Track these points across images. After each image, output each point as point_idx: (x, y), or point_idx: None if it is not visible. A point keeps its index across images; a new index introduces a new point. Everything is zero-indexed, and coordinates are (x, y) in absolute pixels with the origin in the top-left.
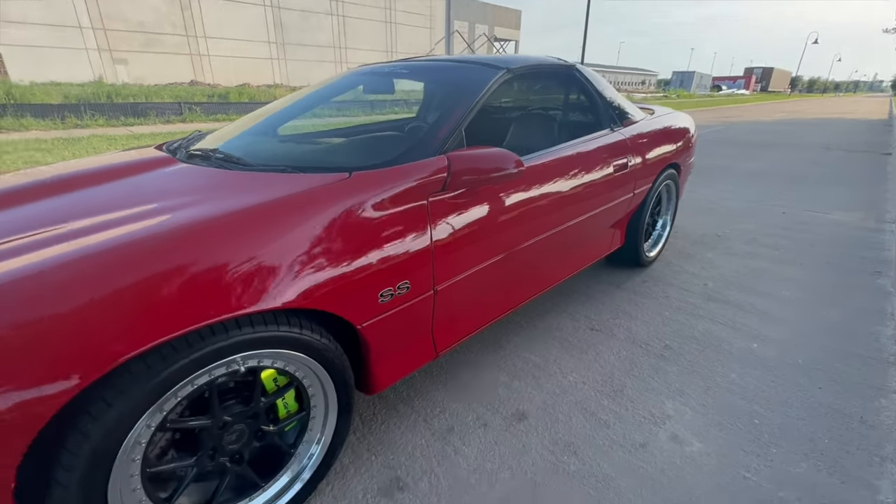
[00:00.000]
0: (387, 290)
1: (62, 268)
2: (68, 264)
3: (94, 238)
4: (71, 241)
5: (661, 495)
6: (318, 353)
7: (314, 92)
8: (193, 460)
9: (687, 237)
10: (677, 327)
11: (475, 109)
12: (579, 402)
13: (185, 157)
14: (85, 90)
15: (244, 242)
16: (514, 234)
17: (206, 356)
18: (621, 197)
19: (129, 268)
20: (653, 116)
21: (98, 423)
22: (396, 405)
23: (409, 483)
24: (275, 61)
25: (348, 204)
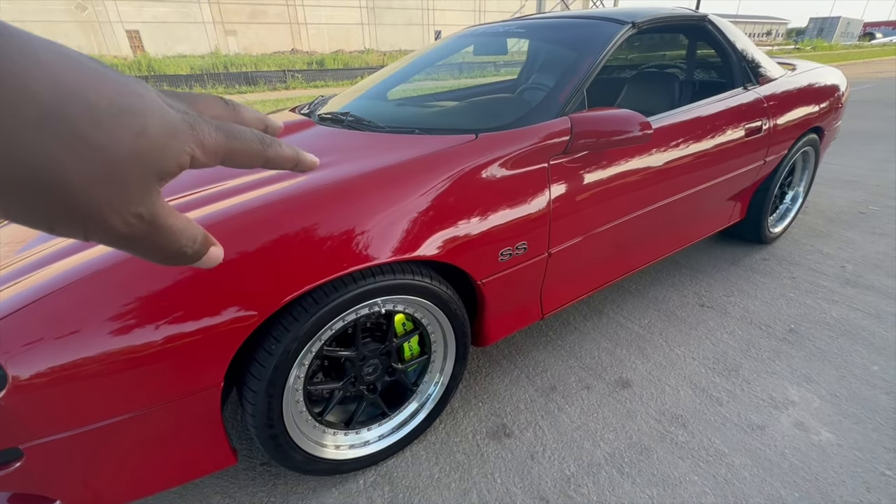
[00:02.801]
0: (506, 250)
1: (254, 211)
2: (259, 209)
3: (263, 191)
4: (255, 190)
5: (781, 478)
6: (444, 304)
7: (423, 56)
8: (340, 384)
9: (821, 213)
10: (804, 311)
11: (597, 68)
12: (688, 376)
13: (319, 120)
14: (206, 61)
15: (389, 197)
16: (630, 201)
17: (357, 297)
18: (750, 165)
19: (305, 215)
20: (794, 73)
21: (279, 343)
22: (499, 360)
23: (515, 431)
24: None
25: (476, 164)
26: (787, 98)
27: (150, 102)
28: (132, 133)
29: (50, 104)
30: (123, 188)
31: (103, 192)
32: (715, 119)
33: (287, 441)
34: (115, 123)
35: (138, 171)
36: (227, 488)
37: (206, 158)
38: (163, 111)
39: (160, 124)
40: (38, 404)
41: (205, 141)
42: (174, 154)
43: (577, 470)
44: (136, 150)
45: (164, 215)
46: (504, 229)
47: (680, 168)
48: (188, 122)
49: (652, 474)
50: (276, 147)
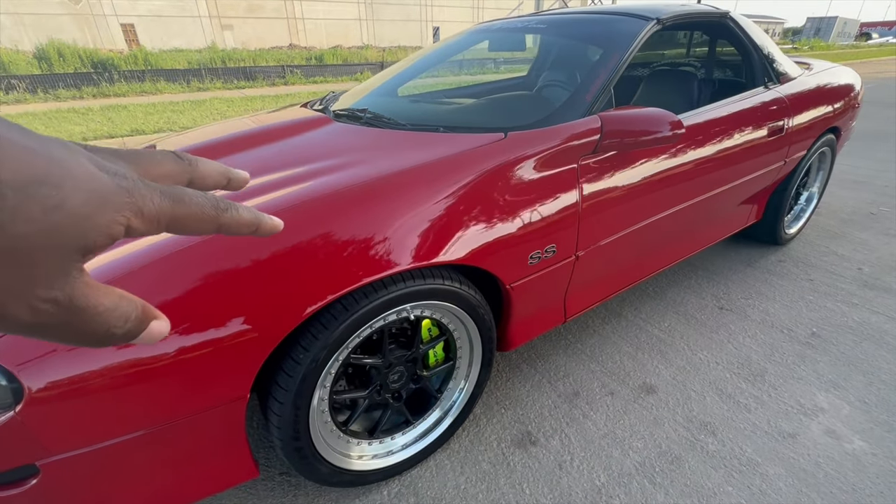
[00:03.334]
0: (536, 253)
1: (283, 213)
2: (289, 209)
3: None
4: (279, 190)
5: (818, 489)
6: (473, 309)
7: (436, 51)
8: (366, 392)
9: (833, 214)
10: (825, 314)
11: (624, 66)
12: (713, 381)
13: (335, 117)
14: (203, 56)
15: (420, 198)
16: (656, 202)
17: (386, 303)
18: (771, 165)
19: (336, 217)
20: (811, 72)
21: (308, 352)
22: (519, 365)
23: (541, 439)
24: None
25: (506, 164)
26: (808, 97)
27: (71, 170)
28: (42, 208)
29: None
30: (29, 271)
31: (5, 276)
32: (739, 118)
33: (313, 453)
34: (20, 199)
35: (51, 251)
36: (245, 500)
37: (146, 227)
38: (89, 178)
39: (83, 195)
40: (56, 418)
41: (144, 208)
42: (101, 226)
43: (607, 480)
44: (48, 227)
45: (84, 296)
46: (534, 231)
47: (705, 168)
48: (123, 188)
49: (685, 485)
50: (232, 212)
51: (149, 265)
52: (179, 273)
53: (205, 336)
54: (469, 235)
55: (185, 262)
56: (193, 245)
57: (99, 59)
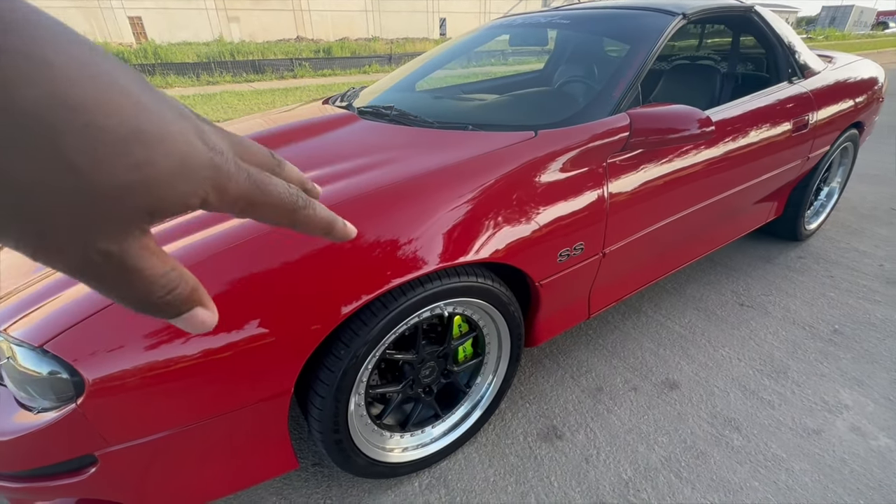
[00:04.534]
0: (565, 250)
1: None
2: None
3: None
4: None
5: (844, 485)
6: (503, 306)
7: (455, 46)
8: (400, 387)
9: (852, 209)
10: (847, 311)
11: (651, 62)
12: (736, 378)
13: (360, 113)
14: (211, 49)
15: (454, 196)
16: (678, 200)
17: (423, 300)
18: (794, 161)
19: (375, 216)
20: (834, 66)
21: (349, 348)
22: (542, 360)
23: (566, 433)
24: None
25: (537, 162)
26: (832, 92)
27: (172, 133)
28: (131, 162)
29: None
30: (96, 220)
31: (68, 218)
32: (764, 114)
33: (351, 446)
34: (116, 148)
35: (123, 206)
36: (282, 489)
37: (221, 204)
38: (186, 145)
39: (175, 159)
40: (114, 410)
41: (227, 186)
42: (179, 194)
43: (633, 474)
44: (129, 183)
45: (137, 256)
46: (563, 229)
47: (729, 165)
48: (214, 163)
49: (711, 479)
50: (310, 209)
51: (204, 261)
52: (230, 271)
53: (253, 333)
54: (501, 233)
55: (236, 261)
56: (242, 243)
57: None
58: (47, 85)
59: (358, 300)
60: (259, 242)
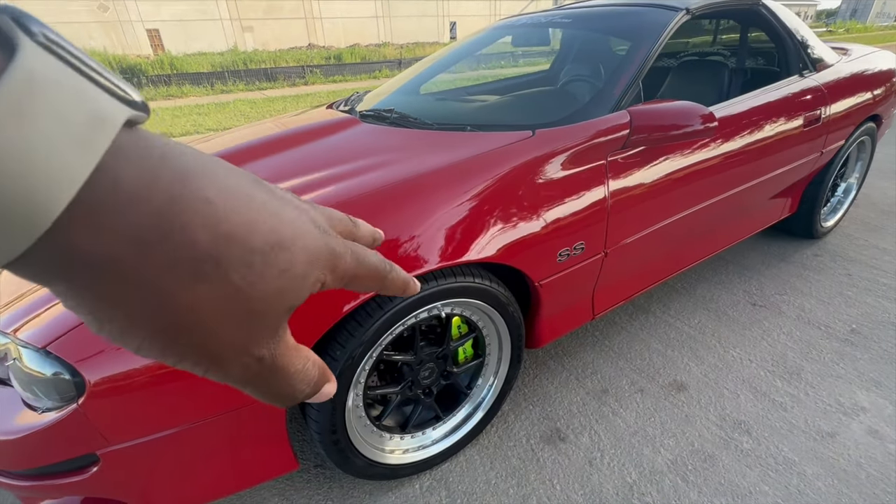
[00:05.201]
0: (564, 250)
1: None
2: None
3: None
4: (313, 191)
5: (860, 490)
6: (502, 306)
7: (460, 48)
8: (398, 388)
9: (873, 206)
10: (866, 310)
11: (653, 58)
12: (746, 379)
13: (361, 117)
14: (225, 58)
15: (451, 197)
16: (686, 197)
17: (419, 300)
18: (808, 156)
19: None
20: (849, 58)
21: (345, 349)
22: (546, 361)
23: (570, 435)
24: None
25: (535, 162)
26: (846, 85)
27: (299, 228)
28: (278, 271)
29: (207, 251)
30: (252, 331)
31: (231, 334)
32: (774, 109)
33: (349, 446)
34: (265, 262)
35: (273, 311)
36: (285, 490)
37: (334, 284)
38: (311, 238)
39: (305, 255)
40: (115, 410)
41: (338, 265)
42: (311, 283)
43: (638, 477)
44: (278, 289)
45: (284, 355)
46: (562, 229)
47: (737, 161)
48: (329, 247)
49: (719, 483)
50: (395, 272)
51: None
52: None
53: None
54: (498, 233)
55: None
56: None
57: (128, 64)
58: (213, 224)
59: (353, 300)
60: None
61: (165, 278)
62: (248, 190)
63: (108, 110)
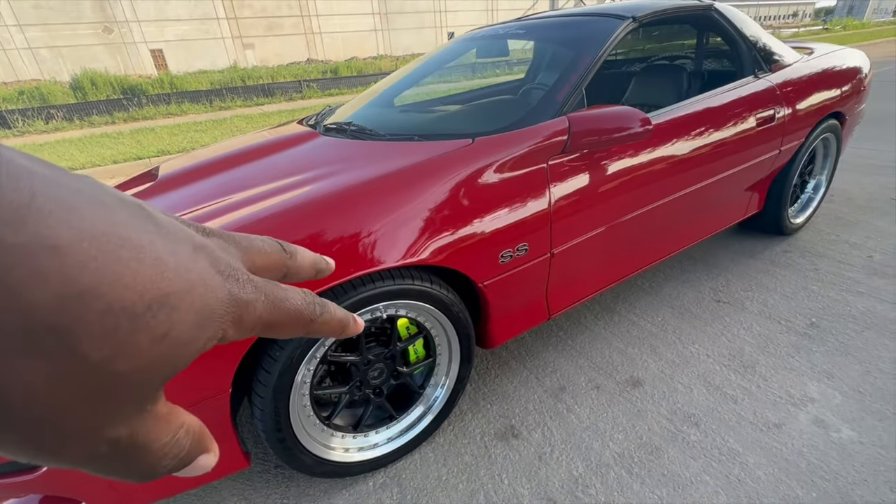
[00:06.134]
0: (507, 252)
1: (257, 224)
2: (262, 221)
3: (267, 203)
4: (257, 203)
5: (798, 478)
6: (445, 307)
7: (428, 61)
8: (346, 388)
9: (849, 201)
10: (827, 304)
11: (596, 66)
12: (701, 374)
13: (324, 131)
14: (224, 76)
15: (386, 205)
16: (636, 197)
17: (358, 302)
18: (764, 155)
19: (306, 225)
20: (811, 57)
21: (283, 350)
22: (508, 361)
23: (523, 432)
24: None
25: (473, 169)
26: (802, 84)
27: (191, 277)
28: (153, 336)
29: (48, 319)
30: (110, 410)
31: (77, 418)
32: (723, 109)
33: (295, 444)
34: (135, 327)
35: (139, 386)
36: (243, 490)
37: (237, 335)
38: (205, 290)
39: (194, 313)
40: None
41: (244, 317)
42: (200, 346)
43: (585, 470)
44: (153, 358)
45: (148, 430)
46: (503, 231)
47: (688, 161)
48: (233, 297)
49: (662, 474)
50: (326, 314)
51: None
52: None
53: None
54: (437, 237)
55: None
56: None
57: (129, 85)
58: (57, 279)
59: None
60: None
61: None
62: (122, 229)
63: None
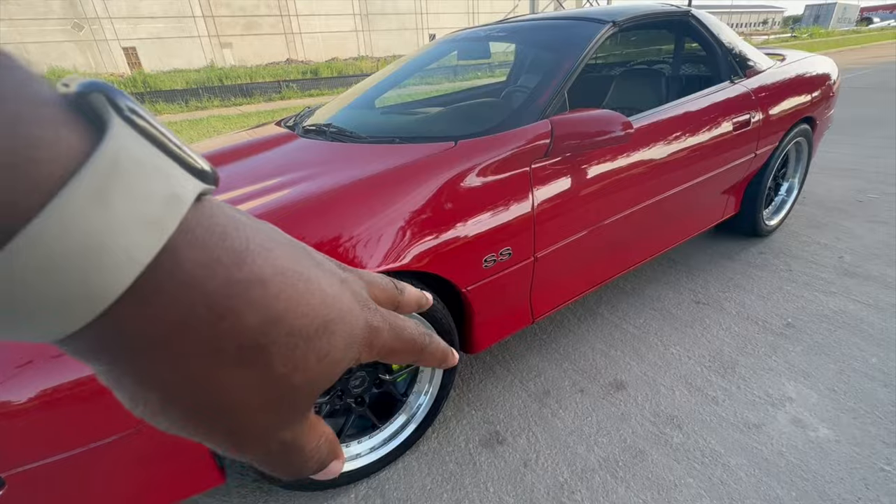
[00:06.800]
0: (490, 256)
1: None
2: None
3: (244, 207)
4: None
5: (778, 478)
6: (427, 312)
7: (409, 62)
8: (326, 398)
9: (819, 203)
10: (802, 304)
11: (578, 70)
12: (683, 375)
13: (303, 133)
14: (201, 75)
15: (367, 209)
16: (617, 201)
17: None
18: (740, 159)
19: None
20: (783, 63)
21: None
22: (493, 366)
23: (508, 438)
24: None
25: (455, 172)
26: (776, 89)
27: (344, 307)
28: (318, 356)
29: (255, 338)
30: (284, 414)
31: (264, 418)
32: (701, 114)
33: None
34: (308, 347)
35: (308, 395)
36: None
37: (368, 358)
38: (350, 315)
39: (345, 337)
40: (22, 430)
41: (374, 342)
42: (347, 364)
43: (570, 476)
44: (317, 374)
45: (304, 435)
46: (486, 236)
47: (667, 165)
48: (368, 324)
49: (646, 478)
50: (434, 344)
51: None
52: None
53: None
54: (418, 242)
55: None
56: None
57: None
58: (264, 307)
59: None
60: None
61: (207, 363)
62: (300, 266)
63: (182, 186)
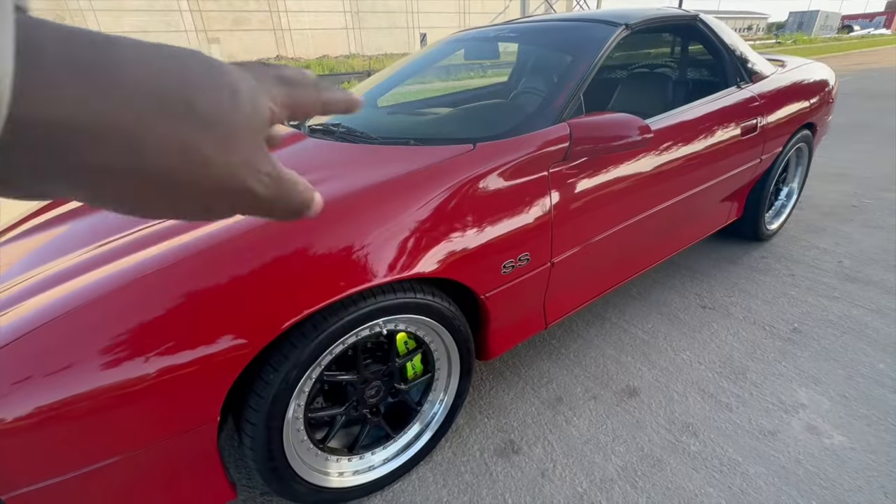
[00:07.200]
0: (509, 262)
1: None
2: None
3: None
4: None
5: (798, 486)
6: (447, 320)
7: (415, 61)
8: (343, 409)
9: (815, 208)
10: (807, 309)
11: (593, 72)
12: (695, 381)
13: (310, 132)
14: None
15: (388, 214)
16: (631, 206)
17: (358, 319)
18: (747, 163)
19: (301, 237)
20: (785, 69)
21: (277, 373)
22: (503, 372)
23: (524, 447)
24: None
25: (475, 175)
26: (781, 95)
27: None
28: (229, 99)
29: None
30: (247, 150)
31: (235, 156)
32: (712, 119)
33: (289, 473)
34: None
35: (249, 132)
36: None
37: (280, 112)
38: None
39: (246, 88)
40: (24, 449)
41: (276, 97)
42: (263, 112)
43: (589, 486)
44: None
45: (281, 169)
46: (505, 241)
47: (679, 170)
48: (258, 81)
49: (667, 488)
50: (328, 91)
51: (125, 286)
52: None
53: (171, 361)
54: (438, 248)
55: (160, 284)
56: (168, 267)
57: None
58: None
59: (279, 326)
60: (180, 268)
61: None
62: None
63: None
